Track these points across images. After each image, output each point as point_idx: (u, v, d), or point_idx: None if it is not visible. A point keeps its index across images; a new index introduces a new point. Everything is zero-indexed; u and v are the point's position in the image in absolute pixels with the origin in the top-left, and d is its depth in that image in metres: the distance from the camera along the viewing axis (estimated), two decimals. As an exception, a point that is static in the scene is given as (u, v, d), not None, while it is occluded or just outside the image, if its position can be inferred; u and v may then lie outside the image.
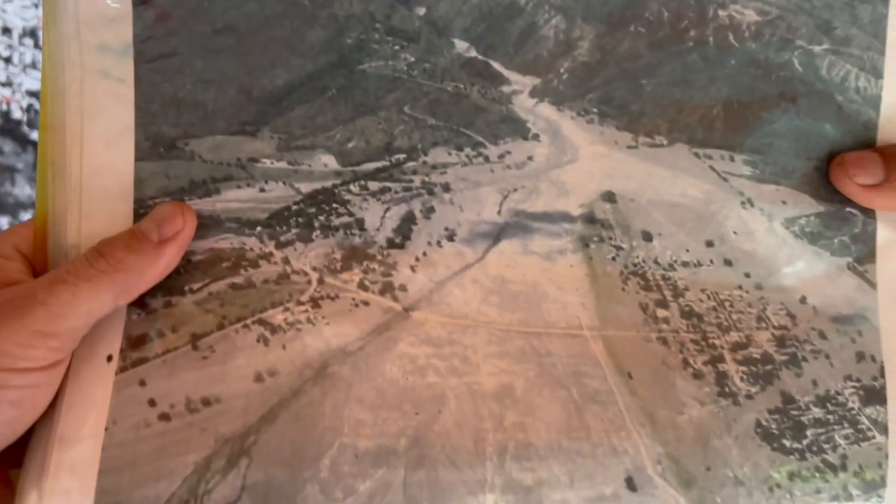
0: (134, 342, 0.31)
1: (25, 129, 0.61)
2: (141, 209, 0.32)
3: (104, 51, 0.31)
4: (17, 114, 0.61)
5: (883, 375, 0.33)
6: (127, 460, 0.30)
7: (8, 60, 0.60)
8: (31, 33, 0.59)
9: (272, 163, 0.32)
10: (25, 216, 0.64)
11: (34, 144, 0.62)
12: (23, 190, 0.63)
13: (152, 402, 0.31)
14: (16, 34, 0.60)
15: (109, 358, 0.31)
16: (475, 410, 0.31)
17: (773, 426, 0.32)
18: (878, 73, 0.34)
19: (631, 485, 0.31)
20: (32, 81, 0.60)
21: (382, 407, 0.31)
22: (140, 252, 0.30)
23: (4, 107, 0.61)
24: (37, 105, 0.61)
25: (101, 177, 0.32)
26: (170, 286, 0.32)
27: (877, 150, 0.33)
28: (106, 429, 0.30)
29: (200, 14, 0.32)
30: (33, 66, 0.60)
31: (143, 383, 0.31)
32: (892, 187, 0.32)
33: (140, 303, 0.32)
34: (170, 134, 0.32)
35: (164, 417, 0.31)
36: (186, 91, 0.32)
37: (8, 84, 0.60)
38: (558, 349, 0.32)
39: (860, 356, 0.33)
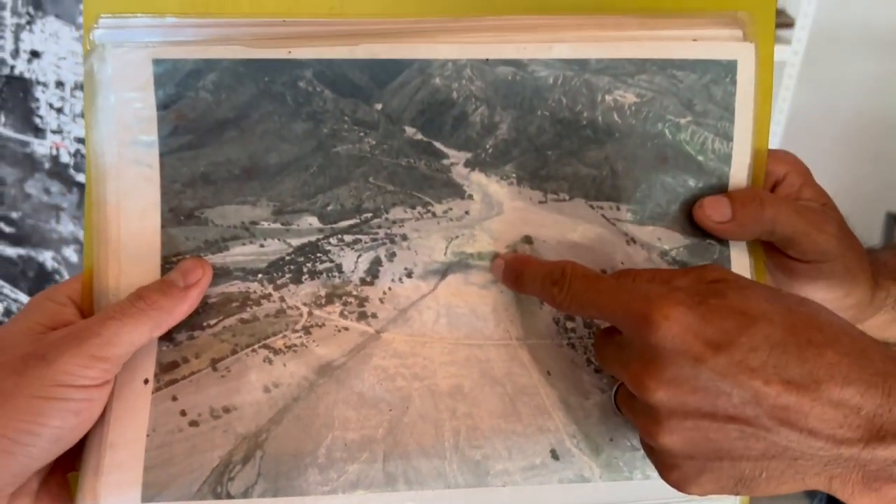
0: (165, 367, 0.40)
1: (72, 171, 0.68)
2: (166, 265, 0.41)
3: (136, 144, 0.40)
4: (65, 158, 0.68)
5: None
6: (165, 458, 0.39)
7: (60, 110, 0.67)
8: (82, 87, 0.68)
9: (269, 224, 0.42)
10: (67, 251, 0.71)
11: (79, 185, 0.68)
12: (66, 227, 0.70)
13: (183, 413, 0.39)
14: (68, 87, 0.67)
15: (146, 381, 0.40)
16: (434, 405, 0.41)
17: (658, 406, 0.42)
18: (728, 137, 0.43)
19: (555, 455, 0.41)
20: (80, 129, 0.68)
21: (363, 406, 0.40)
22: (170, 295, 0.39)
23: (55, 151, 0.68)
24: (83, 150, 0.68)
25: (134, 241, 0.41)
26: (192, 323, 0.41)
27: (726, 195, 0.42)
28: (147, 435, 0.39)
29: (210, 114, 0.41)
30: (82, 115, 0.68)
31: (174, 398, 0.40)
32: (738, 223, 0.41)
33: (168, 337, 0.40)
34: (188, 206, 0.41)
35: (194, 423, 0.39)
36: (200, 172, 0.41)
37: (59, 131, 0.68)
38: (494, 356, 0.42)
39: None
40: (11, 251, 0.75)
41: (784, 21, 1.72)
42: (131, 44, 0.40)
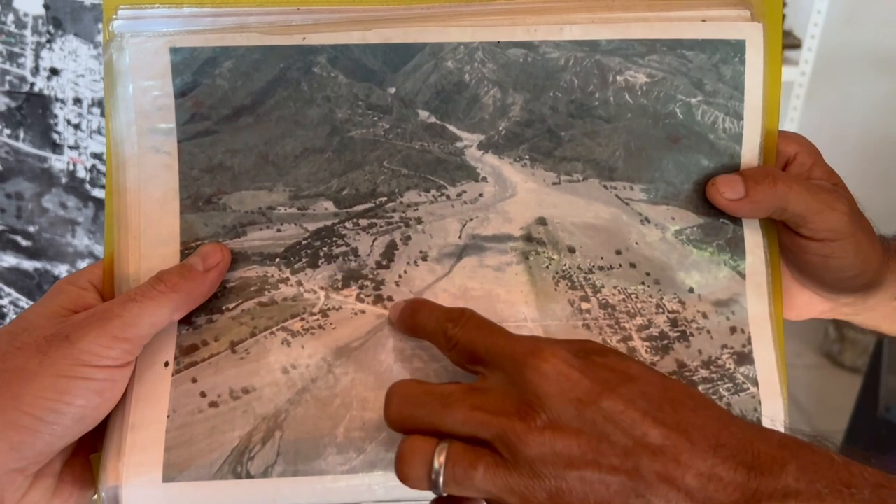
0: (185, 350, 0.40)
1: (88, 186, 0.70)
2: (186, 250, 0.41)
3: (155, 132, 0.41)
4: (81, 173, 0.70)
5: (750, 343, 0.42)
6: (186, 439, 0.39)
7: (77, 126, 0.69)
8: (99, 103, 0.69)
9: (285, 209, 0.42)
10: (82, 264, 0.72)
11: (94, 200, 0.69)
12: (81, 241, 0.71)
13: (203, 394, 0.40)
14: (85, 104, 0.69)
15: (166, 363, 0.40)
16: None
17: (675, 384, 0.42)
18: (739, 117, 0.43)
19: (572, 434, 0.41)
20: (96, 145, 0.69)
21: (381, 387, 0.40)
22: (190, 278, 0.40)
23: (71, 167, 0.70)
24: (99, 166, 0.69)
25: (154, 227, 0.41)
26: (211, 307, 0.41)
27: (739, 173, 0.43)
28: (168, 416, 0.39)
29: (226, 101, 0.42)
30: (98, 132, 0.69)
31: (194, 380, 0.40)
32: (751, 200, 0.42)
33: (188, 321, 0.41)
34: (206, 192, 0.42)
35: (213, 405, 0.40)
36: (218, 159, 0.42)
37: (76, 147, 0.69)
38: None
39: (733, 329, 0.43)
40: (28, 264, 0.76)
41: (791, 42, 1.73)
42: (149, 33, 0.41)
